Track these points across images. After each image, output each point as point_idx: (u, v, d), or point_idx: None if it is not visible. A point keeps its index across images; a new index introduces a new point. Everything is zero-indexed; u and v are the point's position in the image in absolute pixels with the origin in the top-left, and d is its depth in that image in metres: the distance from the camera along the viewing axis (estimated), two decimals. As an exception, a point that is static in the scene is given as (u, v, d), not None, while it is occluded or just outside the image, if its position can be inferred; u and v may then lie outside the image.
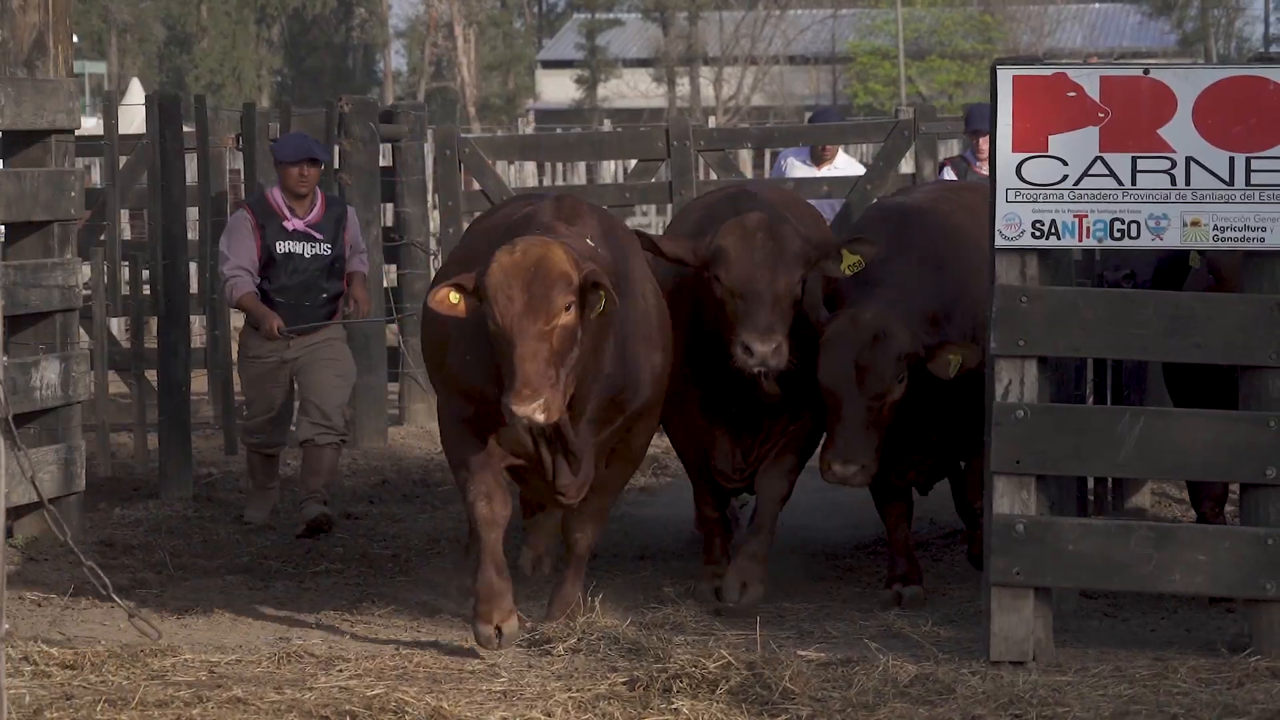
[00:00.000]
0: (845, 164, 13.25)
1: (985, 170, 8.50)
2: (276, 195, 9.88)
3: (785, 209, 8.13)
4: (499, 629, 6.62)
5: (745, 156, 20.85)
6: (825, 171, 12.89)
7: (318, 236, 9.79)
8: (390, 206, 12.05)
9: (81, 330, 10.30)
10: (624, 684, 6.27)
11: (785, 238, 7.06)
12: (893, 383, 7.37)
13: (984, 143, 10.42)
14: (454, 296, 6.58)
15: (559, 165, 18.13)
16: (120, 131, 14.12)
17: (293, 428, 10.61)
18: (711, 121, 38.17)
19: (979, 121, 11.11)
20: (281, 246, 9.84)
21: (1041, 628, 6.72)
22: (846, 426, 7.57)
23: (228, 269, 10.11)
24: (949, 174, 12.17)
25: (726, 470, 7.97)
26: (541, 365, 6.29)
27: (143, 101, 16.89)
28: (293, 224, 9.69)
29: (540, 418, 6.29)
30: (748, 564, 7.64)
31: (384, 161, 12.05)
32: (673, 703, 6.15)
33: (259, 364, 10.31)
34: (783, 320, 6.97)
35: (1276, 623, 6.65)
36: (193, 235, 12.71)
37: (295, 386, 10.39)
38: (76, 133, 10.24)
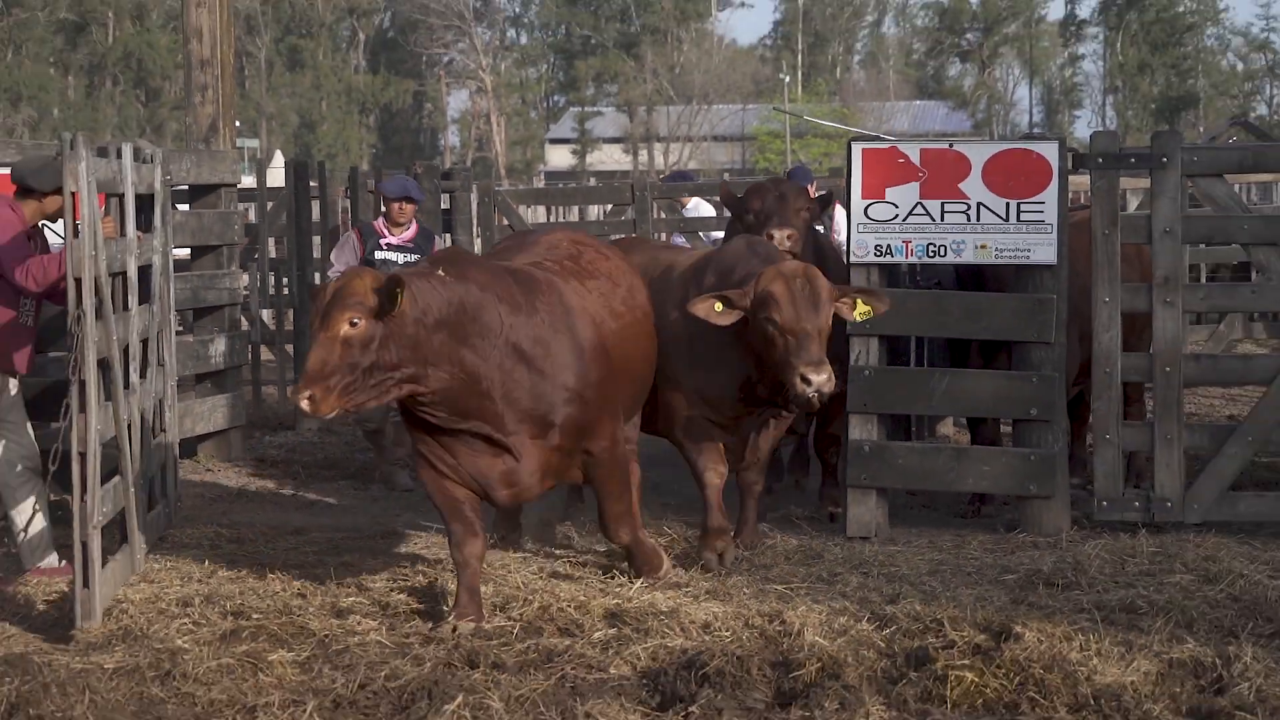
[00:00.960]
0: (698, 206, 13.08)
1: None
2: (379, 222, 9.15)
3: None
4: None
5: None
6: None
7: (409, 248, 8.96)
8: (449, 236, 12.11)
9: (241, 318, 10.21)
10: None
11: (819, 281, 5.86)
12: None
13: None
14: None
15: (560, 209, 18.44)
16: (267, 185, 14.19)
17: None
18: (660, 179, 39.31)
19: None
20: (379, 254, 8.95)
21: (881, 515, 6.75)
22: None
23: (331, 272, 9.49)
24: None
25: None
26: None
27: (283, 166, 16.96)
28: (389, 240, 8.93)
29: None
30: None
31: (444, 205, 11.98)
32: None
33: None
34: (824, 351, 5.82)
35: (1036, 512, 6.71)
36: (316, 254, 12.78)
37: None
38: (237, 186, 10.21)
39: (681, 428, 6.17)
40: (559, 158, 53.82)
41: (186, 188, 9.35)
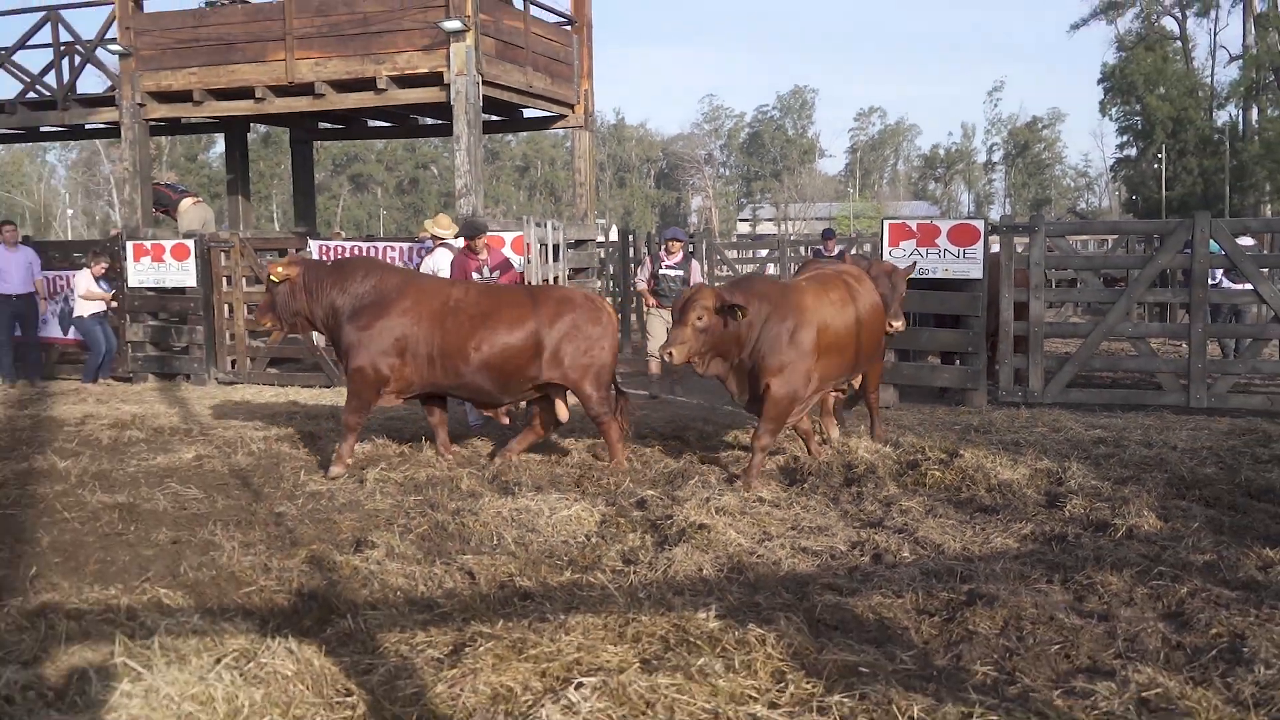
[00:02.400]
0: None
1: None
2: (661, 253, 11.22)
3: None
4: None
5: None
6: None
7: (677, 268, 10.98)
8: (695, 264, 16.96)
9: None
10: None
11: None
12: None
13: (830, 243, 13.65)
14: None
15: (745, 253, 23.31)
16: (609, 239, 17.91)
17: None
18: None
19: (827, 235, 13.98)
20: (662, 270, 11.12)
21: (893, 397, 10.15)
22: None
23: (636, 279, 12.03)
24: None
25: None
26: None
27: (616, 232, 22.26)
28: (666, 262, 11.07)
29: None
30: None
31: (690, 248, 16.60)
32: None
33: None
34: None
35: (970, 397, 10.07)
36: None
37: None
38: (596, 240, 14.02)
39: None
40: (743, 227, 75.24)
41: (572, 241, 12.61)
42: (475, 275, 8.75)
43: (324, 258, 11.81)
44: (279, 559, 5.37)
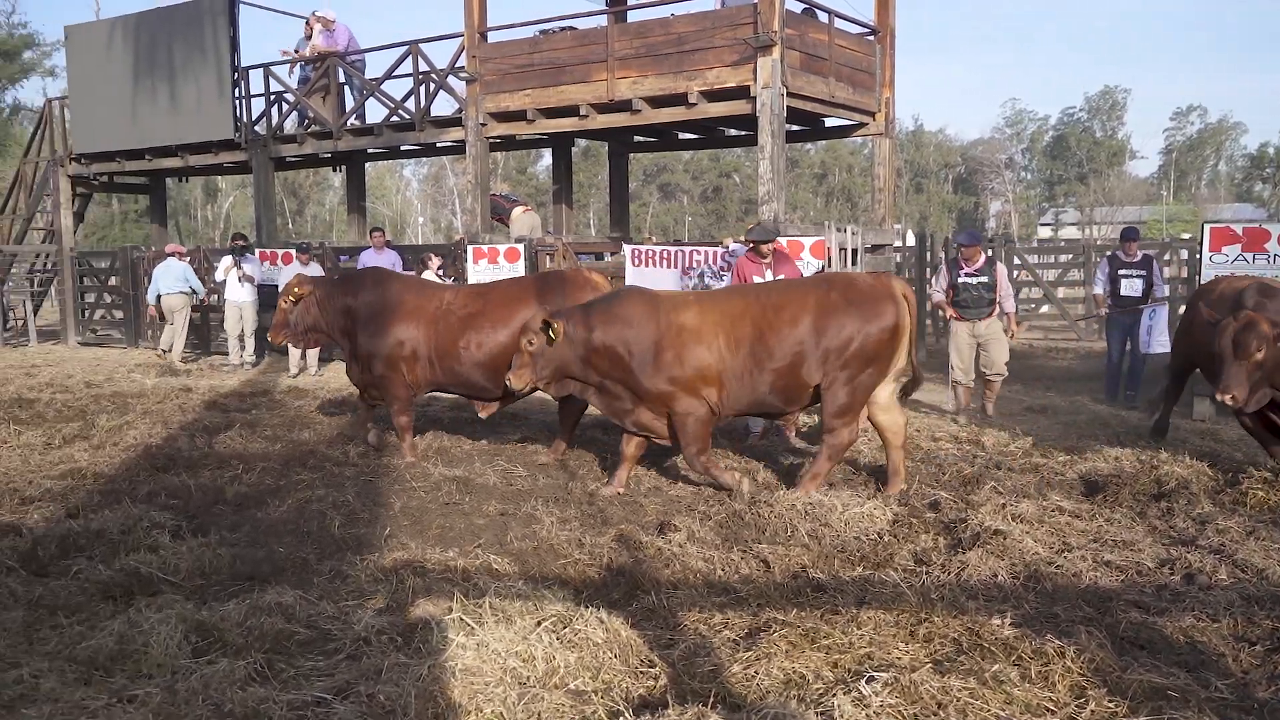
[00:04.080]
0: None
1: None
2: (960, 258, 9.78)
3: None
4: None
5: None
6: None
7: (979, 274, 9.66)
8: (1000, 266, 16.23)
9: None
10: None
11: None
12: None
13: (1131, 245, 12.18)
14: None
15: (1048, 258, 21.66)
16: (897, 244, 17.60)
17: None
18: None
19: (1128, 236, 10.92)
20: (961, 279, 9.68)
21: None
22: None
23: (931, 290, 10.41)
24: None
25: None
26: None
27: (913, 236, 21.73)
28: (966, 269, 9.73)
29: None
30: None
31: (988, 251, 15.84)
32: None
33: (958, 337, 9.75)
34: None
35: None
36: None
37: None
38: (893, 245, 13.87)
39: None
40: (1044, 232, 70.48)
41: (870, 246, 12.45)
42: (756, 280, 8.48)
43: (636, 260, 12.24)
44: (591, 535, 5.62)
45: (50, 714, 3.41)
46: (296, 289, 7.98)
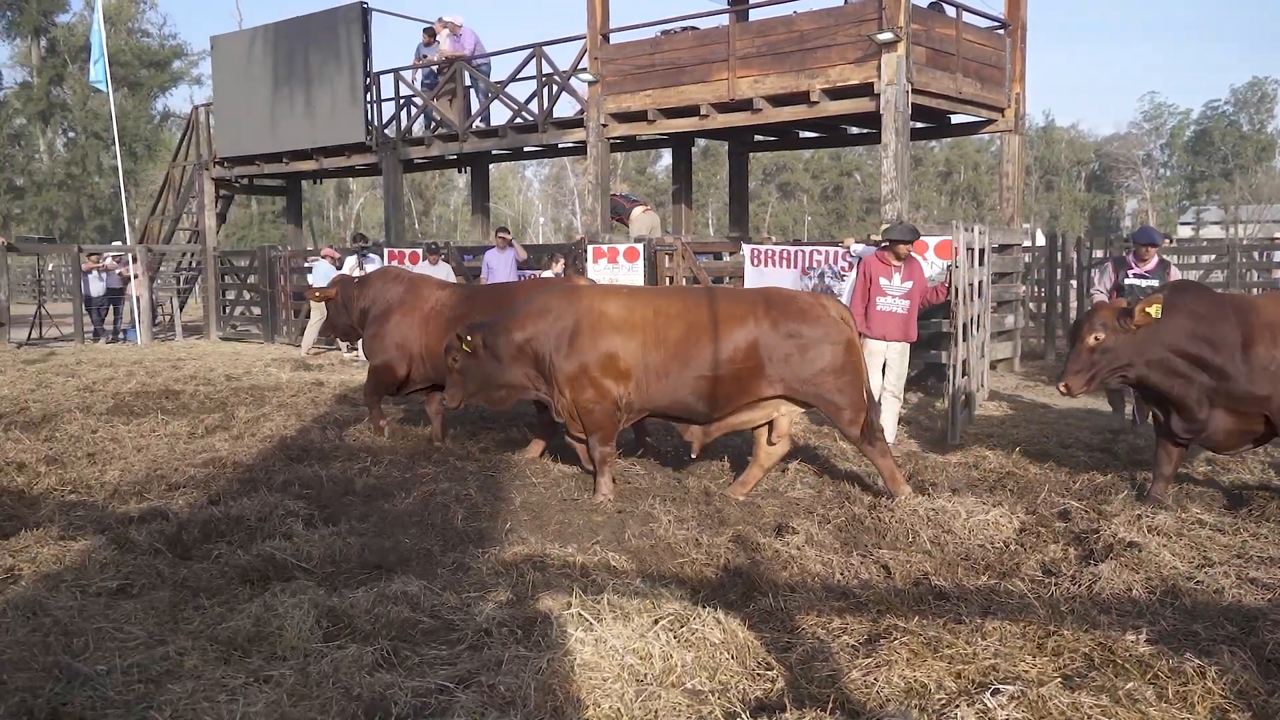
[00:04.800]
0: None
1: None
2: (1129, 257, 8.87)
3: None
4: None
5: None
6: None
7: (1149, 277, 8.57)
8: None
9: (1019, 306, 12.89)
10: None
11: None
12: None
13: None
14: None
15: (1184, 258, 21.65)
16: (1026, 244, 16.25)
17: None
18: None
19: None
20: (1128, 281, 8.66)
21: None
22: None
23: (1093, 290, 9.16)
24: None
25: None
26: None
27: (1043, 236, 21.23)
28: (1135, 270, 8.64)
29: None
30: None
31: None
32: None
33: None
34: None
35: None
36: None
37: None
38: (1021, 245, 13.45)
39: None
40: (1184, 231, 64.31)
41: (997, 245, 11.97)
42: (883, 281, 8.30)
43: (755, 260, 12.17)
44: (708, 535, 5.62)
45: (193, 690, 3.57)
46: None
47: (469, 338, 6.56)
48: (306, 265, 17.31)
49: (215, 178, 20.47)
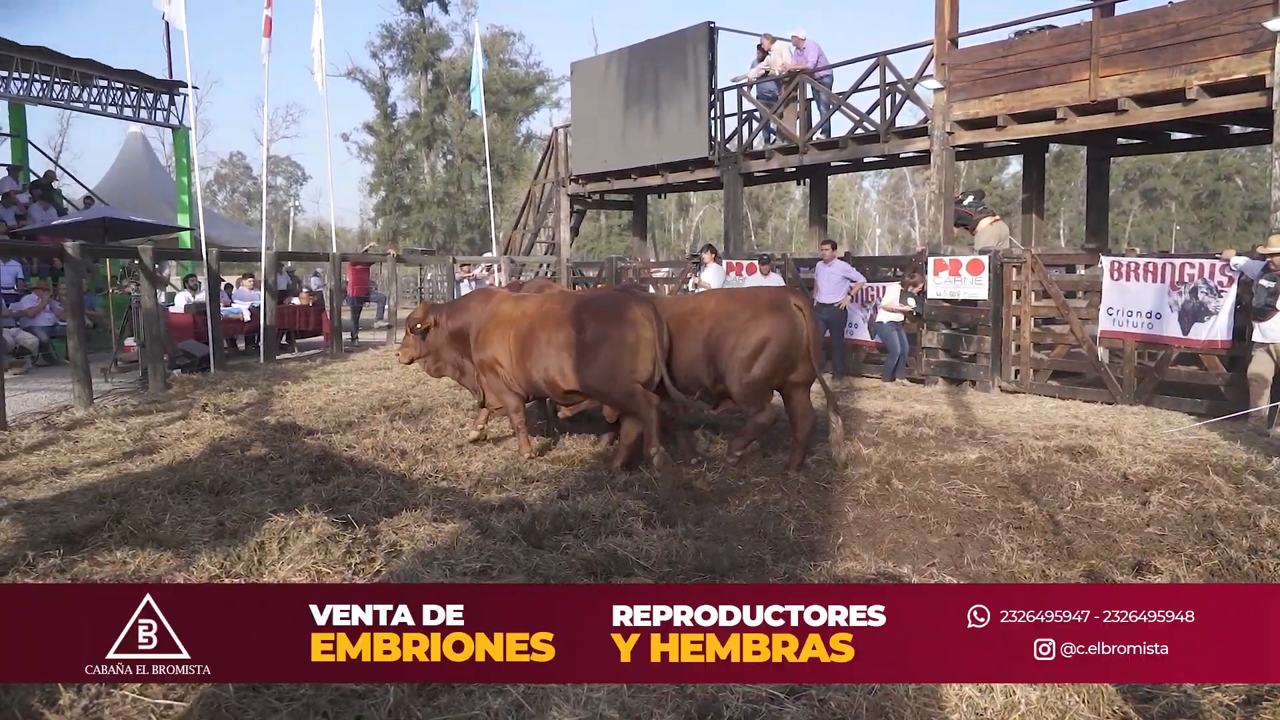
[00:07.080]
0: None
1: None
2: None
3: None
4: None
5: None
6: None
7: None
8: None
9: None
10: None
11: None
12: None
13: None
14: None
15: None
16: None
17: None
18: None
19: None
20: None
21: None
22: None
23: None
24: None
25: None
26: None
27: None
28: None
29: None
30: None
31: None
32: None
33: None
34: None
35: None
36: None
37: None
38: None
39: None
40: None
41: None
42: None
43: (1115, 273, 11.25)
44: (1056, 568, 5.26)
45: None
46: None
47: (429, 316, 8.66)
48: (654, 275, 18.06)
49: (570, 194, 21.98)
